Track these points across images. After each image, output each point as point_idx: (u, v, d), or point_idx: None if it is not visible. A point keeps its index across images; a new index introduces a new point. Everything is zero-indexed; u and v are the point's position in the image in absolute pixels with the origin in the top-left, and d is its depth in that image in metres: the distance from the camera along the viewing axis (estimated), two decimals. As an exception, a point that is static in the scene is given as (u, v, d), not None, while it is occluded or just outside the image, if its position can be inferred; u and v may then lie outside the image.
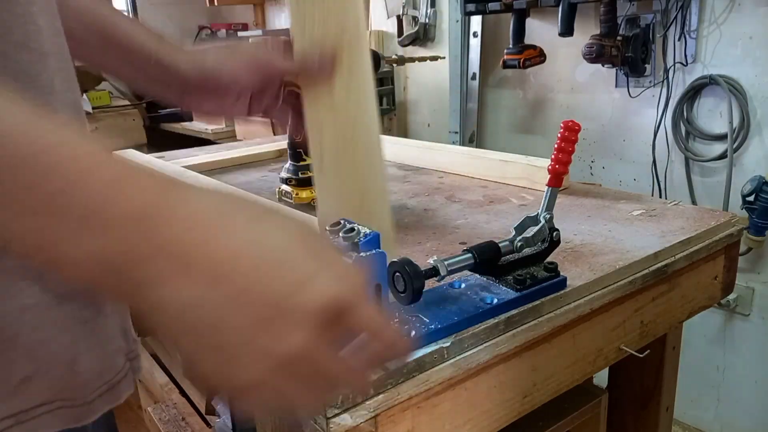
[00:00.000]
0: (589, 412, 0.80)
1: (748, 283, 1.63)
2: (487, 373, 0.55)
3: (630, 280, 0.65)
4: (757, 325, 1.64)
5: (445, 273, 0.51)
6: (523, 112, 2.09)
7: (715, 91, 1.58)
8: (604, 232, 0.75)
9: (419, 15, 2.28)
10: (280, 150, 1.35)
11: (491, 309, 0.54)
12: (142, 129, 2.74)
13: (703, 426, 1.81)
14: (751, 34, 1.49)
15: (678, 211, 0.83)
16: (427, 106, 2.41)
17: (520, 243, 0.58)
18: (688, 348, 1.26)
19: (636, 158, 1.81)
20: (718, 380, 1.75)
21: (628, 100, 1.77)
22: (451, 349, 0.51)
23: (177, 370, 1.27)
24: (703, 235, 0.74)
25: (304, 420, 0.47)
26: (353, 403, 0.46)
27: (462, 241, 0.75)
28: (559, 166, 0.57)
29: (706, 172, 1.66)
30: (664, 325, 0.74)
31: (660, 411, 0.89)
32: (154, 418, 1.17)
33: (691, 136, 1.67)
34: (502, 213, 0.86)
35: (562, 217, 0.81)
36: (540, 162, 0.98)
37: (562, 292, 0.59)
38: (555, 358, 0.61)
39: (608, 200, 0.89)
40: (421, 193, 0.99)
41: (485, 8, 1.88)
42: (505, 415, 0.58)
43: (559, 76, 1.94)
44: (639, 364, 0.78)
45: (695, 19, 1.57)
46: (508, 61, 1.85)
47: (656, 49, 1.67)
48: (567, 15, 1.64)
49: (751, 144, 1.55)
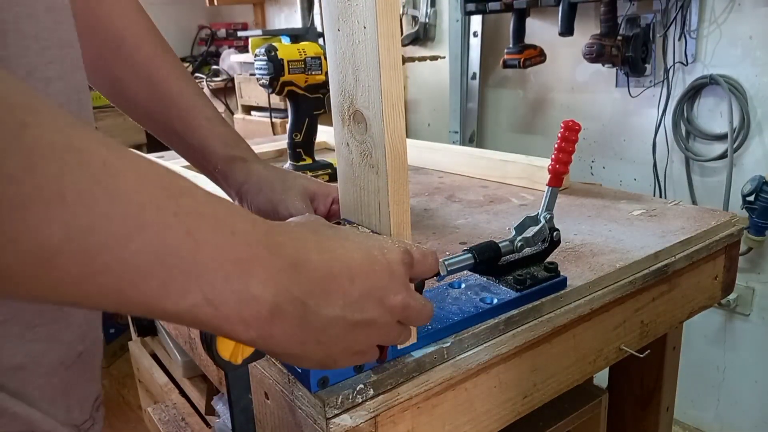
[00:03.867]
0: (589, 412, 0.80)
1: (748, 283, 1.63)
2: (487, 373, 0.55)
3: (630, 280, 0.65)
4: (757, 325, 1.64)
5: (445, 273, 0.51)
6: (523, 111, 2.09)
7: (716, 91, 1.58)
8: (604, 232, 0.75)
9: (419, 15, 2.29)
10: (280, 150, 1.35)
11: (491, 309, 0.54)
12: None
13: (703, 426, 1.81)
14: (751, 34, 1.49)
15: (678, 211, 0.83)
16: (427, 105, 2.41)
17: (520, 243, 0.58)
18: (688, 348, 1.26)
19: (636, 158, 1.81)
20: (718, 380, 1.75)
21: (628, 100, 1.77)
22: (451, 349, 0.51)
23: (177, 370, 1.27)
24: (703, 235, 0.74)
25: (304, 420, 0.47)
26: (353, 403, 0.46)
27: (462, 241, 0.75)
28: (559, 166, 0.57)
29: (706, 172, 1.66)
30: (665, 325, 0.74)
31: (660, 411, 0.89)
32: (154, 418, 1.16)
33: (691, 136, 1.67)
34: (502, 213, 0.86)
35: (562, 217, 0.81)
36: (540, 162, 0.98)
37: (562, 292, 0.59)
38: (555, 359, 0.61)
39: (608, 200, 0.89)
40: (421, 193, 0.99)
41: (485, 8, 1.88)
42: (505, 415, 0.58)
43: (559, 76, 1.94)
44: (639, 364, 0.78)
45: (695, 19, 1.57)
46: (509, 61, 1.85)
47: (656, 49, 1.67)
48: (567, 15, 1.64)
49: (751, 144, 1.55)
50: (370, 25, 0.40)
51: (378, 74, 0.41)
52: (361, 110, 0.44)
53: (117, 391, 2.27)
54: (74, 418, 0.46)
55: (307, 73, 0.94)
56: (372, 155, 0.44)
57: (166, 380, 1.31)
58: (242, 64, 2.64)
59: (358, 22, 0.41)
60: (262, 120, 2.40)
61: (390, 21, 0.40)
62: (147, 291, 0.27)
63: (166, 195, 0.28)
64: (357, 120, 0.45)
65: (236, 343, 0.37)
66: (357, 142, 0.45)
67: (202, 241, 0.29)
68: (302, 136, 0.97)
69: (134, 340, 1.50)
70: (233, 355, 0.37)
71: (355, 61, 0.43)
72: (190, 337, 0.74)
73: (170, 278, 0.28)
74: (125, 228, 0.26)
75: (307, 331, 0.34)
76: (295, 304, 0.33)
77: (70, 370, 0.45)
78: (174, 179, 0.29)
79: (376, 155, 0.44)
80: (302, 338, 0.34)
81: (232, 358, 0.37)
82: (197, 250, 0.29)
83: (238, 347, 0.37)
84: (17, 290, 0.25)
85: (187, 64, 3.19)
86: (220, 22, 3.34)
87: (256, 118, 2.48)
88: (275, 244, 0.33)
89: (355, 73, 0.43)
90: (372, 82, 0.42)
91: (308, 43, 0.96)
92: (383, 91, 0.41)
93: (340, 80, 0.45)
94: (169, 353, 1.31)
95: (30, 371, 0.42)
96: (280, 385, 0.50)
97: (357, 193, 0.47)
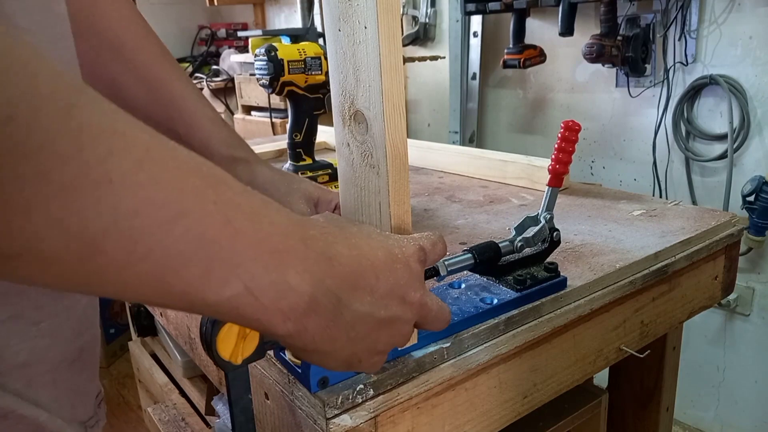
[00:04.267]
0: (589, 412, 0.80)
1: (748, 283, 1.63)
2: (487, 373, 0.55)
3: (630, 280, 0.65)
4: (757, 325, 1.64)
5: (445, 273, 0.51)
6: (523, 111, 2.09)
7: (715, 91, 1.58)
8: (604, 232, 0.75)
9: (419, 15, 2.29)
10: (280, 150, 1.35)
11: (491, 309, 0.54)
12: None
13: (703, 426, 1.81)
14: (751, 34, 1.49)
15: (678, 211, 0.83)
16: (427, 105, 2.41)
17: (520, 243, 0.58)
18: (688, 348, 1.26)
19: (636, 158, 1.81)
20: (718, 380, 1.75)
21: (628, 100, 1.77)
22: (451, 349, 0.51)
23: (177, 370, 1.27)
24: (703, 235, 0.74)
25: (304, 420, 0.47)
26: (353, 403, 0.46)
27: (462, 241, 0.75)
28: (559, 166, 0.57)
29: (706, 172, 1.66)
30: (665, 325, 0.74)
31: (660, 411, 0.89)
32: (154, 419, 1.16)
33: (691, 136, 1.67)
34: (502, 213, 0.86)
35: (562, 217, 0.81)
36: (540, 162, 0.98)
37: (562, 293, 0.59)
38: (555, 359, 0.61)
39: (608, 200, 0.89)
40: (421, 193, 0.99)
41: (485, 8, 1.88)
42: (505, 415, 0.58)
43: (559, 76, 1.94)
44: (639, 364, 0.78)
45: (695, 19, 1.57)
46: (509, 61, 1.85)
47: (656, 49, 1.67)
48: (567, 15, 1.64)
49: (751, 144, 1.55)
50: (370, 25, 0.40)
51: (379, 74, 0.41)
52: (361, 110, 0.44)
53: (117, 391, 2.26)
54: (79, 415, 0.46)
55: (307, 73, 0.94)
56: (373, 155, 0.44)
57: (166, 380, 1.31)
58: (242, 64, 2.64)
59: (358, 22, 0.41)
60: (262, 120, 2.40)
61: (391, 21, 0.40)
62: (188, 279, 0.27)
63: (205, 184, 0.28)
64: (358, 120, 0.45)
65: (236, 343, 0.37)
66: (358, 142, 0.45)
67: (241, 230, 0.29)
68: (302, 136, 0.97)
69: (134, 340, 1.50)
70: (233, 355, 0.37)
71: (356, 61, 0.43)
72: (190, 337, 0.74)
73: (211, 266, 0.28)
74: (168, 213, 0.26)
75: (339, 327, 0.34)
76: (329, 297, 0.33)
77: (72, 366, 0.45)
78: (211, 169, 0.29)
79: (377, 155, 0.44)
80: (333, 334, 0.34)
81: (232, 358, 0.37)
82: (236, 239, 0.29)
83: (238, 347, 0.37)
84: (60, 277, 0.25)
85: (187, 64, 3.19)
86: (220, 22, 3.34)
87: (256, 118, 2.48)
88: (309, 237, 0.33)
89: (355, 73, 0.43)
90: (373, 82, 0.42)
91: (308, 43, 0.96)
92: (384, 92, 0.41)
93: (341, 80, 0.45)
94: (169, 353, 1.31)
95: (34, 369, 0.42)
96: (280, 385, 0.50)
97: (358, 194, 0.47)
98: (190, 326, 0.72)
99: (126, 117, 0.26)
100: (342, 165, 0.49)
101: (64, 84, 0.24)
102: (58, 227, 0.23)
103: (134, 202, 0.25)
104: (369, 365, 0.39)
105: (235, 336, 0.37)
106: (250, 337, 0.37)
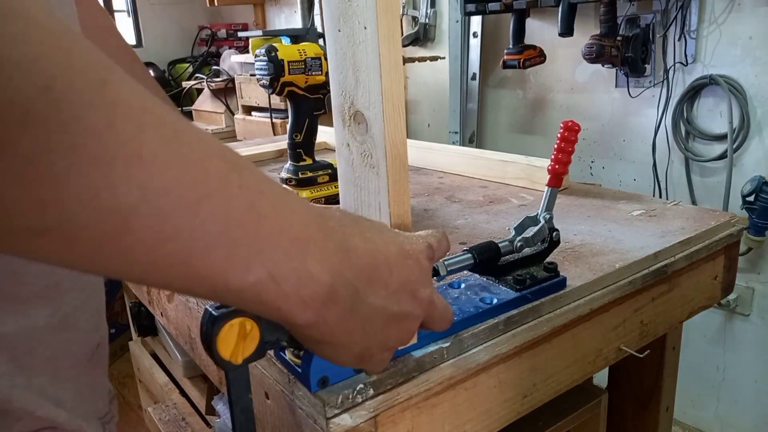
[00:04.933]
0: (589, 412, 0.80)
1: (748, 283, 1.63)
2: (487, 373, 0.55)
3: (630, 280, 0.65)
4: (757, 325, 1.64)
5: (445, 273, 0.51)
6: (523, 112, 2.09)
7: (715, 91, 1.58)
8: (603, 232, 0.75)
9: (419, 15, 2.29)
10: (280, 150, 1.35)
11: (491, 309, 0.54)
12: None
13: (703, 426, 1.81)
14: (751, 34, 1.49)
15: (678, 211, 0.83)
16: (427, 106, 2.41)
17: (520, 243, 0.58)
18: (688, 348, 1.26)
19: (636, 158, 1.81)
20: (718, 380, 1.75)
21: (628, 100, 1.77)
22: (451, 349, 0.51)
23: (177, 369, 1.27)
24: (703, 235, 0.74)
25: (304, 420, 0.47)
26: (353, 403, 0.46)
27: (462, 241, 0.75)
28: (558, 166, 0.57)
29: (706, 172, 1.66)
30: (664, 325, 0.74)
31: (660, 411, 0.89)
32: (154, 418, 1.17)
33: (691, 136, 1.67)
34: (502, 213, 0.86)
35: (562, 217, 0.81)
36: (540, 162, 0.98)
37: (562, 293, 0.59)
38: (555, 359, 0.61)
39: (608, 200, 0.89)
40: (421, 193, 0.99)
41: (485, 8, 1.88)
42: (505, 415, 0.58)
43: (559, 76, 1.94)
44: (639, 364, 0.78)
45: (695, 19, 1.57)
46: (508, 61, 1.85)
47: (656, 49, 1.67)
48: (567, 15, 1.64)
49: (751, 144, 1.55)
50: (370, 26, 0.40)
51: (378, 75, 0.41)
52: (361, 111, 0.44)
53: (117, 391, 2.27)
54: (99, 410, 0.46)
55: (308, 73, 0.94)
56: (372, 156, 0.44)
57: (166, 380, 1.31)
58: (242, 64, 2.64)
59: (358, 23, 0.41)
60: (263, 120, 2.40)
61: (390, 21, 0.41)
62: (213, 262, 0.27)
63: (230, 167, 0.28)
64: (357, 120, 0.45)
65: (236, 342, 0.37)
66: (357, 142, 0.45)
67: (264, 216, 0.29)
68: (302, 136, 0.97)
69: (134, 340, 1.50)
70: (233, 355, 0.37)
71: (356, 61, 0.43)
72: (190, 336, 0.74)
73: (235, 250, 0.28)
74: (195, 194, 0.26)
75: (355, 319, 0.34)
76: (347, 287, 0.33)
77: (90, 361, 0.45)
78: (235, 155, 0.29)
79: (377, 156, 0.44)
80: (350, 326, 0.34)
81: (232, 358, 0.37)
82: (260, 224, 0.29)
83: (239, 347, 0.37)
84: (87, 256, 0.25)
85: (188, 65, 3.19)
86: (220, 22, 3.35)
87: (256, 119, 2.48)
88: (328, 228, 0.33)
89: (355, 74, 0.43)
90: (372, 82, 0.42)
91: (308, 44, 0.96)
92: (384, 92, 0.41)
93: (341, 81, 0.45)
94: (169, 353, 1.32)
95: (60, 362, 0.42)
96: (281, 385, 0.50)
97: (357, 194, 0.48)
98: (191, 326, 0.73)
99: (154, 97, 0.26)
100: (342, 165, 0.49)
101: (97, 60, 0.24)
102: (90, 202, 0.23)
103: (163, 180, 0.25)
104: (378, 362, 0.39)
105: (235, 336, 0.37)
106: (250, 336, 0.37)
